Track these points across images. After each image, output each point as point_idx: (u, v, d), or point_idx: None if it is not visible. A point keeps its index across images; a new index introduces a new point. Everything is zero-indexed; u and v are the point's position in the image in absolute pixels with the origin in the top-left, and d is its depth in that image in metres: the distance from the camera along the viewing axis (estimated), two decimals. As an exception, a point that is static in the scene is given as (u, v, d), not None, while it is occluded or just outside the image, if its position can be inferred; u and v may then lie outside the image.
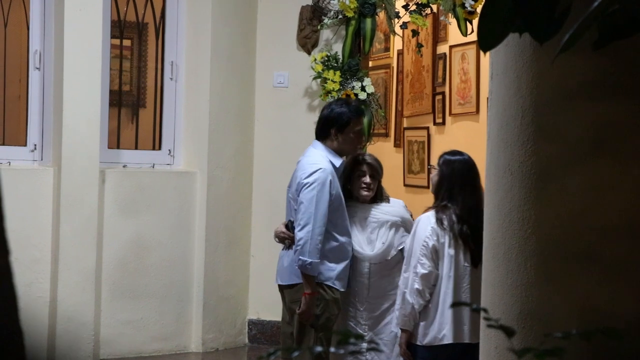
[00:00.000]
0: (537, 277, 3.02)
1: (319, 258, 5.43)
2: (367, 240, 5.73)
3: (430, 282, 5.26)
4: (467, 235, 5.21)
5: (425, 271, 5.22)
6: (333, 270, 5.53)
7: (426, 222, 5.31)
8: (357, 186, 5.75)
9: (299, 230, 5.42)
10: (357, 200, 5.78)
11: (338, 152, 5.63)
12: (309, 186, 5.45)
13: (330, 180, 5.49)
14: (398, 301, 5.39)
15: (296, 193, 5.52)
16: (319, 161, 5.54)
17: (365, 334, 5.65)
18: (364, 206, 5.78)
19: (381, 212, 5.78)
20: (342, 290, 5.61)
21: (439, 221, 5.26)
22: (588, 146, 2.97)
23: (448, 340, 5.24)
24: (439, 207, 5.31)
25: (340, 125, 5.59)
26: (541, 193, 3.02)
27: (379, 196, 5.83)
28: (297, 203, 5.50)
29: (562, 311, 2.98)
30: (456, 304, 5.39)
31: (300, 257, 5.39)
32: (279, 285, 5.70)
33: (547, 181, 3.01)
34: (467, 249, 5.23)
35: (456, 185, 5.32)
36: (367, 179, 5.75)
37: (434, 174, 5.47)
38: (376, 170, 5.82)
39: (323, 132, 5.65)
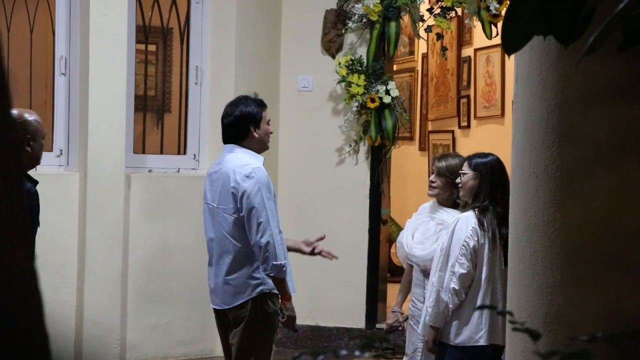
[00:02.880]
0: (562, 280, 3.01)
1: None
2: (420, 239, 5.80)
3: (467, 283, 5.25)
4: (507, 234, 5.18)
5: (464, 271, 5.21)
6: None
7: (466, 222, 5.28)
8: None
9: (261, 237, 5.14)
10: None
11: (257, 150, 5.39)
12: (252, 190, 5.19)
13: (267, 176, 5.30)
14: (432, 298, 5.37)
15: (235, 202, 5.25)
16: (249, 161, 5.28)
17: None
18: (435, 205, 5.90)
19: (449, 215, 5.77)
20: (292, 294, 5.41)
21: (480, 222, 5.24)
22: (613, 149, 2.96)
23: (484, 341, 5.23)
24: (480, 208, 5.29)
25: (256, 120, 5.35)
26: (566, 196, 3.01)
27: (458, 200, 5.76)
28: (233, 212, 5.26)
29: (588, 314, 2.97)
30: (482, 307, 5.37)
31: (273, 262, 5.13)
32: (220, 310, 5.47)
33: (572, 184, 3.00)
34: (504, 251, 5.19)
35: (498, 186, 5.29)
36: (432, 177, 5.84)
37: (468, 178, 5.41)
38: (445, 169, 5.79)
39: (241, 133, 5.37)
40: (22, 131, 4.91)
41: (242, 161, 5.29)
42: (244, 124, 5.35)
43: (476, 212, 5.27)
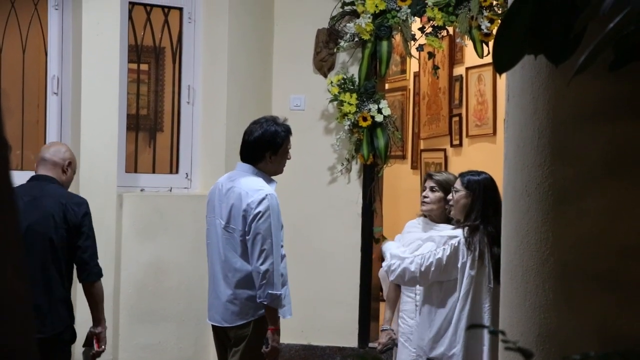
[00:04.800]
0: (555, 299, 3.01)
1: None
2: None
3: (403, 281, 5.34)
4: (497, 252, 5.21)
5: (412, 269, 5.25)
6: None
7: (448, 237, 5.32)
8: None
9: (262, 264, 5.15)
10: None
11: (270, 173, 5.42)
12: (262, 215, 5.19)
13: (279, 205, 5.31)
14: (399, 263, 5.40)
15: (245, 224, 5.24)
16: (263, 186, 5.29)
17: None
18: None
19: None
20: (289, 317, 5.44)
21: (467, 242, 5.24)
22: (605, 167, 2.96)
23: (457, 359, 5.23)
24: (470, 227, 5.29)
25: (275, 147, 5.37)
26: (559, 215, 3.01)
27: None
28: (242, 234, 5.25)
29: (580, 333, 2.96)
30: (473, 326, 5.37)
31: (269, 291, 5.14)
32: (219, 327, 5.46)
33: (564, 203, 3.00)
34: (494, 270, 5.19)
35: (490, 205, 5.29)
36: (425, 192, 5.95)
37: (460, 196, 5.42)
38: (439, 184, 5.82)
39: (256, 156, 5.38)
40: None
41: (256, 185, 5.29)
42: (261, 148, 5.36)
43: (465, 231, 5.27)
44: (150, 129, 8.08)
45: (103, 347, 5.71)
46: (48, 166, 5.63)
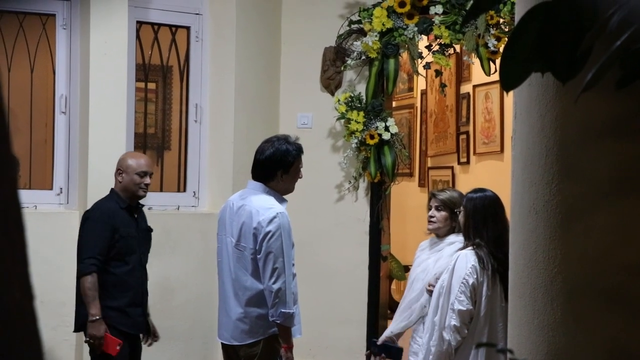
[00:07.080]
0: (563, 317, 3.00)
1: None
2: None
3: (467, 319, 5.25)
4: (502, 271, 5.21)
5: (463, 308, 5.21)
6: None
7: (465, 260, 5.30)
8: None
9: (274, 283, 5.14)
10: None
11: (281, 192, 5.41)
12: (273, 234, 5.18)
13: (290, 223, 5.30)
14: (434, 337, 5.37)
15: (255, 242, 5.23)
16: (274, 204, 5.28)
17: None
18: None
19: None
20: (299, 336, 5.41)
21: (480, 260, 5.25)
22: (613, 185, 2.95)
23: None
24: (476, 246, 5.31)
25: (287, 165, 5.36)
26: (566, 232, 3.01)
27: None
28: (253, 252, 5.24)
29: (589, 351, 2.95)
30: (480, 345, 5.36)
31: (282, 309, 5.13)
32: (228, 345, 5.45)
33: (572, 220, 3.00)
34: (502, 287, 5.21)
35: (479, 222, 5.33)
36: (430, 212, 5.94)
37: (461, 214, 5.48)
38: (443, 203, 5.87)
39: (268, 174, 5.38)
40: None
41: (267, 203, 5.28)
42: (273, 167, 5.35)
43: (475, 250, 5.29)
44: (158, 147, 8.10)
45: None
46: None
